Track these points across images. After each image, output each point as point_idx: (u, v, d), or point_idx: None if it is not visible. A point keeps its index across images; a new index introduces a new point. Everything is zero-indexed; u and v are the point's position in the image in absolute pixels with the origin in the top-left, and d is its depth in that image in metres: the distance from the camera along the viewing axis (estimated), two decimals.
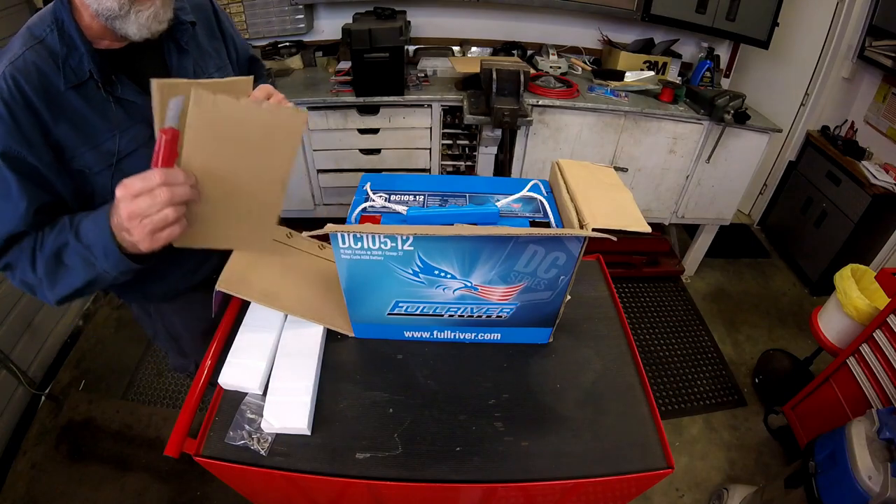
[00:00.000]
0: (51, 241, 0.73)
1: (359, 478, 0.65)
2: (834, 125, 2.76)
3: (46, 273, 0.73)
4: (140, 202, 0.61)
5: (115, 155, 0.79)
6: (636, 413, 0.74)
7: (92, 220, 0.71)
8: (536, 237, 0.63)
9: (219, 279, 0.72)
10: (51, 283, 0.74)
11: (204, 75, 0.90)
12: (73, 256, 0.72)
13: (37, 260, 0.73)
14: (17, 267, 0.75)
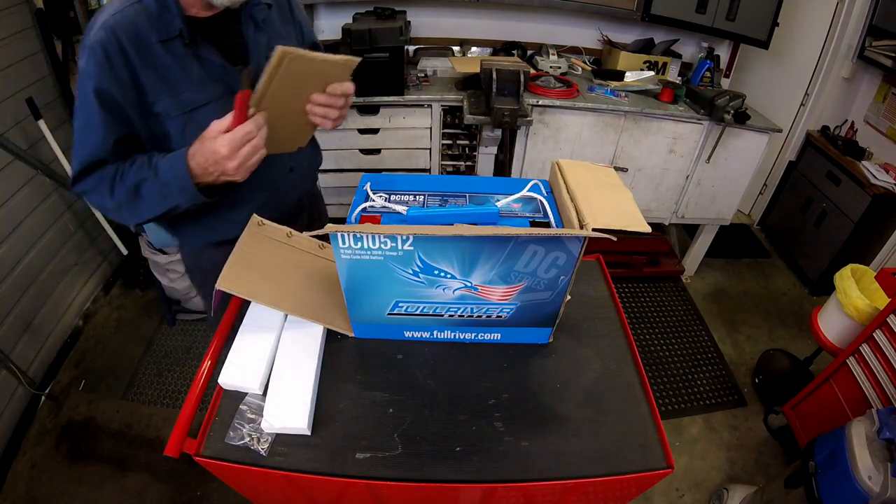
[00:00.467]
0: (131, 175, 0.85)
1: (359, 478, 0.65)
2: (834, 125, 2.76)
3: (126, 201, 0.87)
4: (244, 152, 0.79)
5: (190, 105, 0.90)
6: (636, 413, 0.74)
7: (169, 161, 0.84)
8: (536, 237, 0.63)
9: (219, 279, 0.72)
10: (130, 210, 0.88)
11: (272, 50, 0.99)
12: (151, 190, 0.85)
13: (116, 188, 0.86)
14: (93, 193, 0.88)
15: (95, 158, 0.86)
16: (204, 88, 0.90)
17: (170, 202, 0.87)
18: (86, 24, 2.11)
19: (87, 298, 2.46)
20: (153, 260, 2.20)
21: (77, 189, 0.88)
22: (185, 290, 2.29)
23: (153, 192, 0.85)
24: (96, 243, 2.52)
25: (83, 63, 0.82)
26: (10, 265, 1.98)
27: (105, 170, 0.87)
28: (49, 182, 2.18)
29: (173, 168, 0.84)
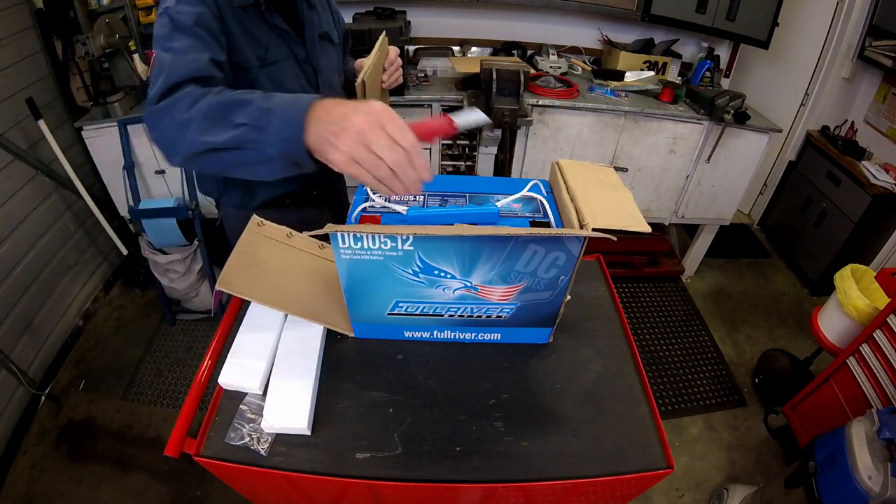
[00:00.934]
0: (229, 93, 0.71)
1: (359, 478, 0.65)
2: (834, 125, 2.76)
3: (204, 115, 0.68)
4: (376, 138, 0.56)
5: (264, 60, 0.98)
6: (636, 413, 0.74)
7: (290, 95, 0.67)
8: (536, 237, 0.63)
9: (218, 279, 0.72)
10: (198, 128, 0.68)
11: (324, 30, 1.11)
12: (244, 114, 0.66)
13: (200, 101, 0.70)
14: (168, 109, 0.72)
15: (196, 75, 0.77)
16: (273, 50, 0.99)
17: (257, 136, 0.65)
18: (86, 24, 2.11)
19: (87, 298, 2.46)
20: (153, 260, 2.21)
21: (156, 107, 0.73)
22: (185, 290, 2.29)
23: (246, 115, 0.66)
24: (96, 243, 2.52)
25: (172, 3, 0.83)
26: (10, 265, 1.98)
27: (196, 88, 0.74)
28: (49, 182, 2.18)
29: (295, 100, 0.64)
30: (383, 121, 0.57)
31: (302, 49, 1.05)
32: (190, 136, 0.69)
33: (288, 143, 0.63)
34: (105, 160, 2.21)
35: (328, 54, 1.14)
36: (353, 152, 0.57)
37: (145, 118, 0.76)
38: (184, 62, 0.78)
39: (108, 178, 2.28)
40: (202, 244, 2.24)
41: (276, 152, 0.64)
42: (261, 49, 0.97)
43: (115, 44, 2.11)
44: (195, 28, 0.83)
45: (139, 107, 2.21)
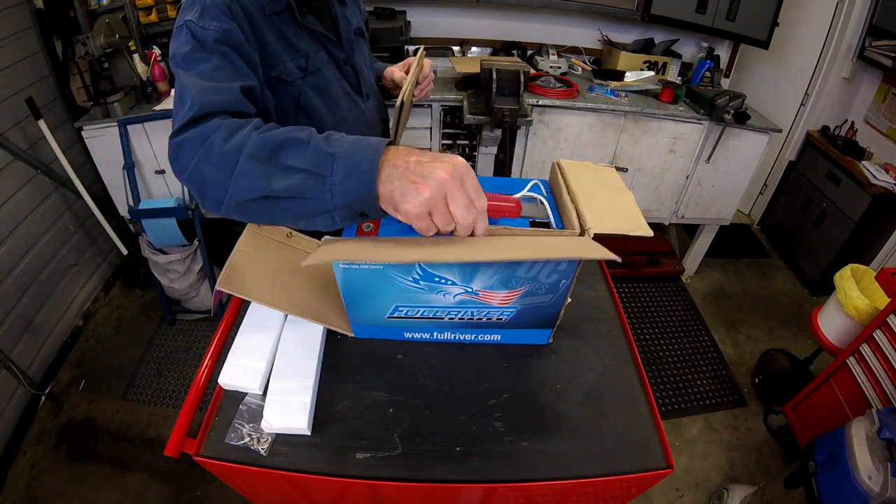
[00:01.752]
0: (277, 130, 0.61)
1: (359, 478, 0.65)
2: (834, 125, 2.76)
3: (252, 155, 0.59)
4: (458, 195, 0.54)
5: (305, 70, 0.92)
6: (636, 413, 0.74)
7: (354, 138, 0.58)
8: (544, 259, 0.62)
9: (218, 279, 0.72)
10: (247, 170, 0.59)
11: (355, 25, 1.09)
12: (301, 158, 0.57)
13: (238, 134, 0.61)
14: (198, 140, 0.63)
15: (215, 107, 0.67)
16: (313, 56, 0.95)
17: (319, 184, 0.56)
18: (86, 23, 2.11)
19: (87, 298, 2.46)
20: (153, 260, 2.21)
21: (180, 138, 0.65)
22: (185, 290, 2.29)
23: (303, 157, 0.57)
24: (96, 243, 2.52)
25: (195, 16, 0.74)
26: (10, 265, 1.98)
27: (228, 119, 0.66)
28: (49, 182, 2.18)
29: (360, 145, 0.57)
30: (465, 178, 0.55)
31: (340, 50, 1.01)
32: (238, 180, 0.59)
33: (355, 194, 0.55)
34: (105, 160, 2.21)
35: (362, 50, 1.12)
36: (431, 204, 0.54)
37: (170, 155, 0.67)
38: (215, 91, 0.69)
39: (108, 178, 2.28)
40: (202, 244, 2.24)
41: (341, 202, 0.56)
42: (301, 58, 0.92)
43: (115, 44, 2.11)
44: (222, 46, 0.74)
45: (139, 107, 2.21)
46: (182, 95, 0.70)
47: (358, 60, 1.08)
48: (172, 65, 0.76)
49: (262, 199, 0.59)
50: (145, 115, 2.12)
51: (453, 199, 0.54)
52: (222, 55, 0.74)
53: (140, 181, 2.25)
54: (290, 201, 0.59)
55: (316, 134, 0.60)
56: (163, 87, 2.28)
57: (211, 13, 0.74)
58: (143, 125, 2.13)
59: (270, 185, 0.58)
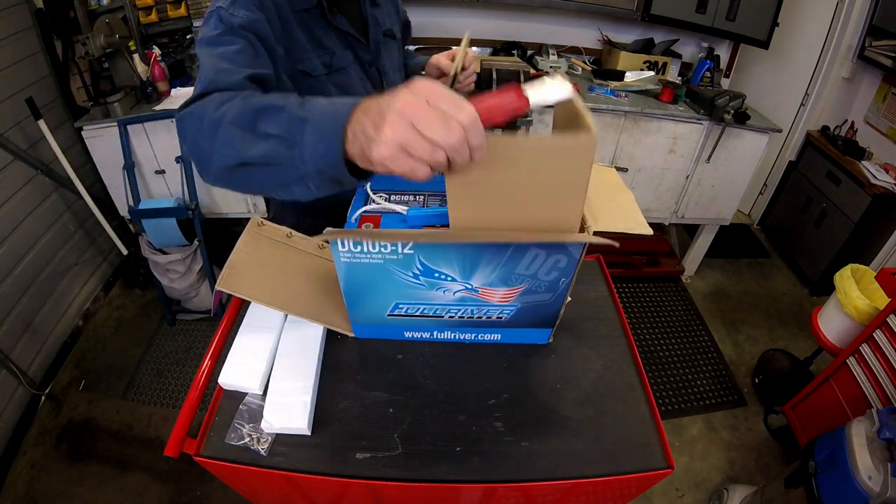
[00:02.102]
0: (262, 96, 0.62)
1: (359, 478, 0.65)
2: (834, 125, 2.76)
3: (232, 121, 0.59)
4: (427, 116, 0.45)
5: (330, 67, 0.94)
6: (636, 413, 0.74)
7: (329, 101, 0.56)
8: (538, 241, 0.62)
9: (218, 279, 0.72)
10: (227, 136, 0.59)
11: (383, 26, 1.06)
12: (275, 123, 0.56)
13: (227, 104, 0.61)
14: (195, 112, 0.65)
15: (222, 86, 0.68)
16: (339, 55, 0.96)
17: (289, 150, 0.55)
18: (86, 24, 2.11)
19: (87, 298, 2.46)
20: (153, 260, 2.21)
21: (183, 112, 0.67)
22: (185, 289, 2.29)
23: (277, 122, 0.56)
24: (96, 243, 2.52)
25: (225, 4, 0.77)
26: (10, 265, 1.98)
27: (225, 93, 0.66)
28: (49, 182, 2.18)
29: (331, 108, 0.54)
30: (430, 94, 0.45)
31: (367, 51, 1.01)
32: (219, 146, 0.59)
33: (324, 160, 0.52)
34: (105, 160, 2.21)
35: (391, 52, 1.11)
36: (399, 139, 0.45)
37: (177, 130, 0.68)
38: (226, 73, 0.70)
39: (108, 178, 2.28)
40: (202, 244, 2.24)
41: (312, 169, 0.53)
42: (326, 55, 0.94)
43: (115, 44, 2.11)
44: (246, 33, 0.77)
45: (139, 107, 2.21)
46: (199, 75, 0.72)
47: (384, 62, 1.06)
48: (198, 47, 0.78)
49: (239, 166, 0.58)
50: (145, 115, 2.12)
51: (423, 122, 0.44)
52: (246, 41, 0.77)
53: (140, 181, 2.25)
54: (265, 168, 0.57)
55: (295, 98, 0.57)
56: (163, 87, 2.28)
57: (242, 2, 0.78)
58: (143, 125, 2.13)
59: (246, 152, 0.57)
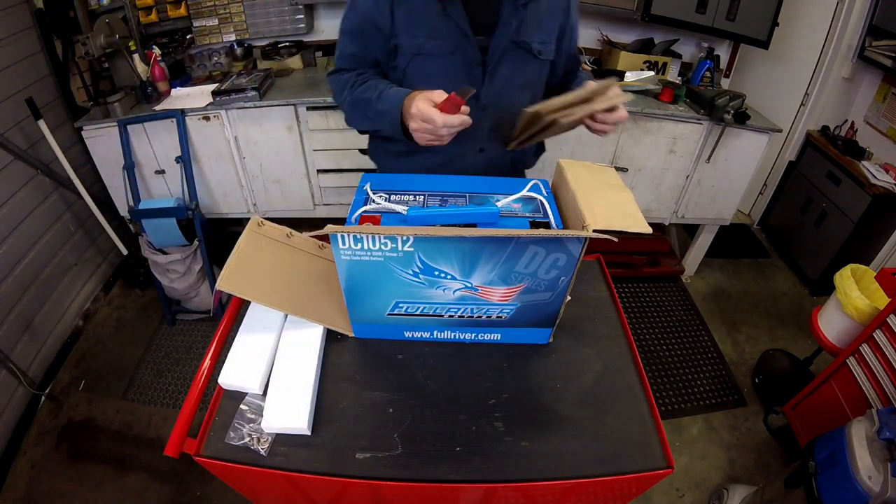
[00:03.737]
0: (360, 90, 1.03)
1: (359, 478, 0.65)
2: (834, 125, 2.76)
3: (349, 105, 1.07)
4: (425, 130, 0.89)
5: (420, 49, 1.00)
6: (636, 413, 0.74)
7: (391, 95, 0.96)
8: (537, 238, 0.63)
9: (218, 279, 0.72)
10: (349, 113, 1.09)
11: (523, 38, 1.02)
12: (369, 108, 1.00)
13: (345, 92, 1.06)
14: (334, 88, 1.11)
15: (342, 66, 1.09)
16: (438, 41, 0.99)
17: (377, 125, 1.02)
18: (86, 24, 2.11)
19: (87, 298, 2.46)
20: (153, 260, 2.21)
21: (329, 79, 1.12)
22: (185, 289, 2.29)
23: (370, 110, 1.00)
24: (96, 243, 2.52)
25: None
26: (10, 265, 1.98)
27: (344, 75, 1.07)
28: (49, 182, 2.18)
29: (392, 102, 0.95)
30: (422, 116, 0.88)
31: (476, 51, 0.99)
32: (349, 118, 1.11)
33: (394, 132, 0.98)
34: (105, 160, 2.21)
35: (517, 65, 1.04)
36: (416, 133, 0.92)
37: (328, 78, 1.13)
38: (344, 56, 1.08)
39: (108, 178, 2.28)
40: (202, 244, 2.24)
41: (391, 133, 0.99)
42: (421, 37, 0.98)
43: (115, 44, 2.11)
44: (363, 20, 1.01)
45: (139, 107, 2.21)
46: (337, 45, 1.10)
47: (500, 70, 1.02)
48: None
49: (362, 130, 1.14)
50: (145, 115, 2.12)
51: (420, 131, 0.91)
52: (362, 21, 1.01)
53: (140, 181, 2.25)
54: (373, 129, 1.09)
55: (378, 91, 0.99)
56: (163, 87, 2.28)
57: None
58: (143, 125, 2.13)
59: (362, 124, 1.09)
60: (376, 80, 1.03)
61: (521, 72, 1.05)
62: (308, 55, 2.60)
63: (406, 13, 0.97)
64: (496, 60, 1.01)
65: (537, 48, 1.04)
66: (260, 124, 2.24)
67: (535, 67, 1.07)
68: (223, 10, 2.44)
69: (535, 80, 1.10)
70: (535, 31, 1.02)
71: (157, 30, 2.38)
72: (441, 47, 0.99)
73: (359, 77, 1.05)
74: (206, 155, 2.28)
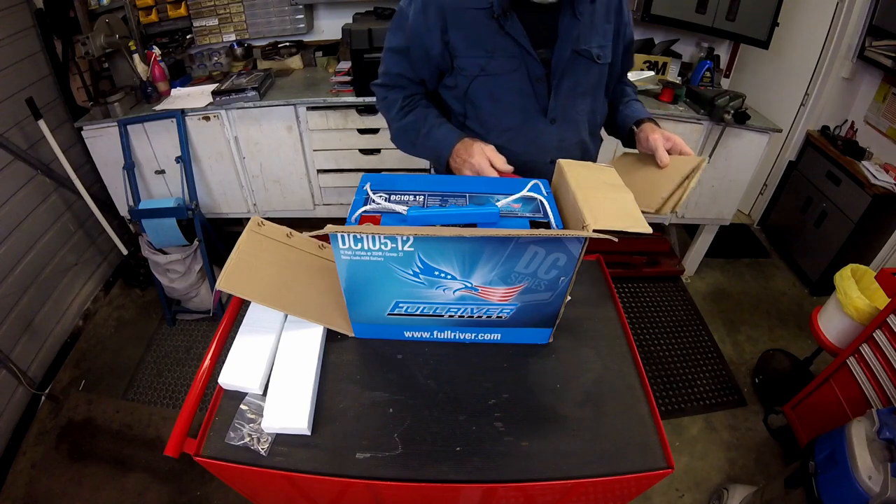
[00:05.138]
0: (409, 120, 1.08)
1: (359, 478, 0.65)
2: (834, 125, 2.76)
3: (395, 130, 1.12)
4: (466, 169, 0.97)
5: (482, 70, 0.99)
6: (636, 413, 0.74)
7: (442, 138, 1.02)
8: (537, 238, 0.63)
9: (218, 279, 0.72)
10: (395, 136, 1.14)
11: (583, 46, 1.01)
12: (416, 139, 1.07)
13: (394, 114, 1.10)
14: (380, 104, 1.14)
15: (385, 82, 1.10)
16: (499, 60, 0.98)
17: (422, 155, 1.11)
18: (86, 24, 2.11)
19: (87, 298, 2.46)
20: (153, 260, 2.21)
21: (374, 88, 1.14)
22: (185, 289, 2.29)
23: (417, 142, 1.07)
24: (96, 243, 2.52)
25: (405, 4, 1.00)
26: (10, 265, 1.98)
27: (391, 94, 1.10)
28: (49, 182, 2.18)
29: (443, 142, 1.02)
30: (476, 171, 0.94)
31: (539, 66, 0.98)
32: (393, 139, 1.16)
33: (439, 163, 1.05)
34: (105, 160, 2.21)
35: (580, 73, 1.03)
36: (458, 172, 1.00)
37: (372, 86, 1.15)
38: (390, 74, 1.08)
39: (108, 178, 2.28)
40: (202, 244, 2.24)
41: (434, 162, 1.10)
42: (483, 57, 0.97)
43: (115, 44, 2.11)
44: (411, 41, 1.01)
45: (139, 107, 2.21)
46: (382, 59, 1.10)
47: (563, 82, 1.01)
48: None
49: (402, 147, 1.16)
50: (145, 115, 2.12)
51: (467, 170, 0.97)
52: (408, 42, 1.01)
53: (140, 181, 2.25)
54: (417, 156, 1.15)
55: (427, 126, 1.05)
56: (163, 87, 2.28)
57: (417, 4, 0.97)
58: (143, 125, 2.13)
59: (410, 149, 1.13)
60: (424, 112, 1.07)
61: (583, 80, 1.05)
62: (308, 55, 2.60)
63: (463, 35, 0.96)
64: (560, 73, 1.00)
65: (597, 53, 1.03)
66: (260, 124, 2.24)
67: (596, 73, 1.06)
68: (223, 10, 2.45)
69: (598, 84, 1.09)
70: (592, 36, 1.01)
71: (157, 30, 2.38)
72: (502, 66, 0.98)
73: (406, 101, 1.09)
74: (206, 155, 2.29)
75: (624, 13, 1.07)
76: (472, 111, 1.06)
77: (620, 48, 1.11)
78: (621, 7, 1.06)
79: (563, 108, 1.05)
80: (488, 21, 0.93)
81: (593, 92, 1.09)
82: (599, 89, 1.11)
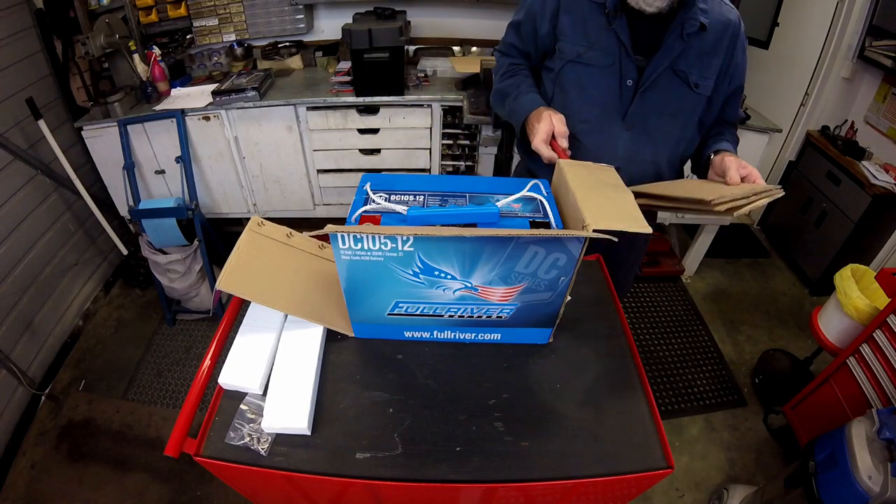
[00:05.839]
0: (506, 84, 1.17)
1: (359, 478, 0.65)
2: (834, 125, 2.76)
3: (494, 91, 1.22)
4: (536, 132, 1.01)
5: (576, 57, 1.04)
6: (636, 413, 0.74)
7: (528, 100, 1.08)
8: (537, 238, 0.63)
9: (218, 279, 0.72)
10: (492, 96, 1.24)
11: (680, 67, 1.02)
12: (505, 101, 1.16)
13: (496, 78, 1.22)
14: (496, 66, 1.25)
15: (500, 49, 1.23)
16: (597, 53, 1.01)
17: (509, 116, 1.16)
18: (86, 24, 2.11)
19: (87, 298, 2.46)
20: (153, 260, 2.21)
21: (495, 54, 1.27)
22: (185, 289, 2.29)
23: (506, 102, 1.15)
24: (96, 243, 2.52)
25: None
26: (10, 265, 1.98)
27: (503, 60, 1.21)
28: (49, 182, 2.18)
29: (526, 107, 1.07)
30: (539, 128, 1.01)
31: (633, 69, 0.99)
32: (491, 98, 1.27)
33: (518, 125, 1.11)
34: (105, 160, 2.22)
35: (670, 93, 1.03)
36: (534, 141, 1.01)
37: None
38: (506, 43, 1.20)
39: (108, 178, 2.28)
40: (202, 244, 2.24)
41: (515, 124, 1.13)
42: (582, 45, 1.02)
43: (115, 44, 2.11)
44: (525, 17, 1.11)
45: (139, 107, 2.21)
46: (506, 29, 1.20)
47: (651, 93, 1.01)
48: None
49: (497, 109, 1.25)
50: (145, 115, 2.12)
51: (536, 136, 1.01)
52: (525, 16, 1.11)
53: (140, 181, 2.25)
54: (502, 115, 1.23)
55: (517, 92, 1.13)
56: (163, 87, 2.28)
57: None
58: (143, 125, 2.14)
59: (500, 109, 1.22)
60: (521, 79, 1.16)
61: (673, 100, 1.04)
62: (308, 55, 2.60)
63: (571, 20, 1.02)
64: (650, 83, 1.00)
65: (695, 80, 1.02)
66: (260, 124, 2.24)
67: (690, 100, 1.05)
68: (223, 10, 2.45)
69: (689, 112, 1.08)
70: (695, 63, 1.01)
71: (157, 30, 2.38)
72: (598, 59, 1.01)
73: (510, 68, 1.19)
74: (206, 155, 2.29)
75: (736, 55, 1.08)
76: (559, 95, 1.11)
77: (724, 89, 1.10)
78: (734, 48, 1.07)
79: (644, 120, 1.05)
80: (598, 15, 0.98)
81: (683, 117, 1.07)
82: (691, 119, 1.09)
